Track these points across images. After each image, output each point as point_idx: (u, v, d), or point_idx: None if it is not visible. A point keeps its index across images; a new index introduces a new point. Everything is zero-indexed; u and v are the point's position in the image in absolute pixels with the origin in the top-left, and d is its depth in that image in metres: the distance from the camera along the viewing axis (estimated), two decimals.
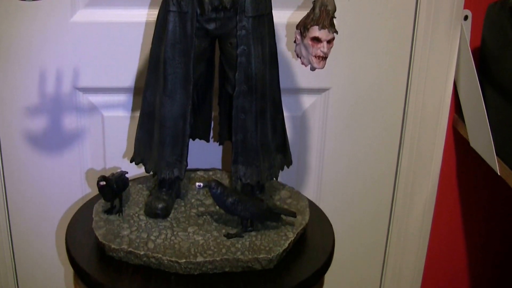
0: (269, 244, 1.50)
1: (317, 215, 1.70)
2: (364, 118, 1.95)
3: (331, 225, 1.67)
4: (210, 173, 1.82)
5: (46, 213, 2.01)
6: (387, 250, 2.15)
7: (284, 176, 1.75)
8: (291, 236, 1.53)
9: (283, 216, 1.56)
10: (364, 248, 2.16)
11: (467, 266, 2.21)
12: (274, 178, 1.63)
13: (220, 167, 1.98)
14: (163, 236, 1.52)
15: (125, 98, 1.90)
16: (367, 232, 2.13)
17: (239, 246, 1.49)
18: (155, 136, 1.57)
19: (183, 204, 1.66)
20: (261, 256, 1.46)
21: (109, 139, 1.95)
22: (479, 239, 2.17)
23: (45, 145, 1.91)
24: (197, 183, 1.48)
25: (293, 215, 1.56)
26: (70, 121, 1.91)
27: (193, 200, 1.68)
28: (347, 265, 2.15)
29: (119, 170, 1.64)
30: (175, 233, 1.53)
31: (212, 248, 1.48)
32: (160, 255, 1.45)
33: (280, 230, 1.55)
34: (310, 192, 2.04)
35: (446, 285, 2.25)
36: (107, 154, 1.98)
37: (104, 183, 1.51)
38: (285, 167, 1.67)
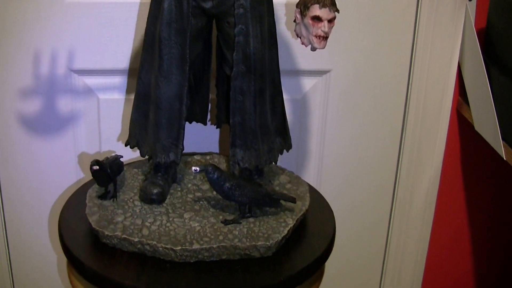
0: (267, 231, 1.42)
1: (318, 201, 1.62)
2: (366, 101, 1.89)
3: (331, 210, 1.59)
4: (207, 157, 1.74)
5: (40, 198, 1.92)
6: (389, 235, 2.11)
7: (284, 161, 1.67)
8: (291, 222, 1.46)
9: (282, 202, 1.48)
10: (365, 233, 2.09)
11: (471, 250, 2.16)
12: (273, 162, 1.55)
13: (217, 151, 1.90)
14: (158, 223, 1.44)
15: (121, 80, 1.84)
16: (369, 217, 2.08)
17: (237, 233, 1.41)
18: (151, 118, 1.49)
19: (179, 189, 1.58)
20: (260, 243, 1.39)
21: (105, 122, 1.89)
22: (483, 224, 2.11)
23: (39, 128, 1.85)
24: (193, 168, 1.40)
25: (293, 200, 1.48)
26: (65, 104, 1.84)
27: (189, 185, 1.59)
28: (348, 251, 2.07)
29: (113, 154, 1.55)
30: (170, 219, 1.45)
31: (208, 235, 1.40)
32: (155, 242, 1.37)
33: (279, 216, 1.48)
34: (310, 176, 1.98)
35: (450, 271, 2.16)
36: (103, 138, 1.90)
37: (98, 167, 1.43)
38: (285, 151, 1.59)
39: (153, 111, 1.47)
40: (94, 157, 1.86)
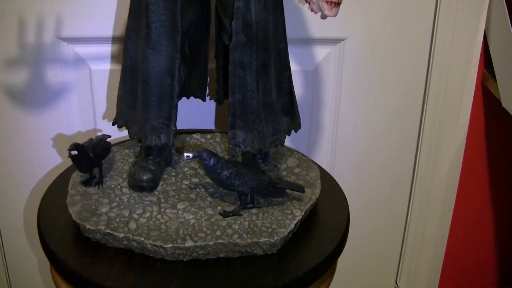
0: (272, 225, 1.20)
1: (330, 187, 1.39)
2: (384, 71, 1.69)
3: (345, 199, 1.36)
4: (208, 136, 1.51)
5: (25, 178, 1.73)
6: (408, 218, 1.92)
7: (295, 138, 1.44)
8: (299, 214, 1.23)
9: (289, 191, 1.24)
10: (382, 216, 1.91)
11: (494, 230, 1.99)
12: (279, 145, 1.31)
13: (218, 130, 1.65)
14: (147, 214, 1.22)
15: (115, 49, 1.63)
16: (386, 199, 1.89)
17: (237, 227, 1.20)
18: (139, 95, 1.25)
19: (174, 173, 1.35)
20: (263, 239, 1.18)
21: (98, 94, 1.69)
22: (508, 203, 1.94)
23: (26, 102, 1.66)
24: (186, 153, 1.17)
25: (301, 190, 1.25)
26: (54, 75, 1.64)
27: (186, 169, 1.37)
28: (363, 236, 1.85)
29: (100, 134, 1.32)
30: (162, 210, 1.24)
31: (204, 229, 1.19)
32: (143, 239, 1.16)
33: (286, 206, 1.26)
34: (323, 155, 1.79)
35: (471, 255, 1.95)
36: (97, 111, 1.67)
37: (76, 152, 1.20)
38: (293, 131, 1.34)
39: (141, 87, 1.24)
40: (89, 134, 1.63)
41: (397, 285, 1.98)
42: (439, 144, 1.76)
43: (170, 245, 1.14)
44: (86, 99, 1.65)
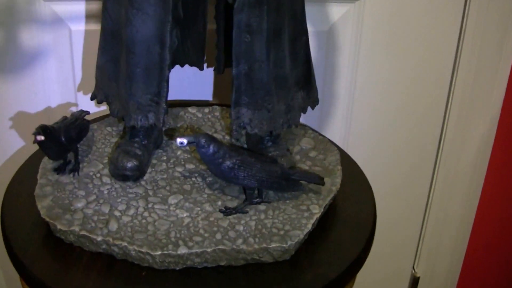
0: (284, 225, 0.98)
1: (352, 174, 1.16)
2: (408, 35, 1.48)
3: (370, 188, 1.14)
4: (206, 110, 1.26)
5: None
6: (430, 198, 1.72)
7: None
8: (317, 211, 1.00)
9: (303, 182, 1.01)
10: (401, 201, 1.72)
11: None
12: (294, 126, 1.07)
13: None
14: (132, 211, 0.99)
15: (97, 7, 1.39)
16: (406, 180, 1.69)
17: (241, 228, 0.97)
18: (122, 66, 1.00)
19: (165, 158, 1.11)
20: (273, 244, 0.95)
21: (80, 59, 1.44)
22: None
23: None
24: (179, 139, 0.93)
25: (321, 182, 1.01)
26: (29, 37, 1.40)
27: (179, 153, 1.12)
28: (378, 223, 1.62)
29: (77, 110, 1.08)
30: (149, 206, 1.01)
31: (201, 231, 0.96)
32: (125, 244, 0.93)
33: (301, 201, 1.04)
34: (336, 130, 1.58)
35: (498, 244, 1.82)
36: (79, 79, 1.43)
37: (43, 138, 0.96)
38: (309, 108, 1.09)
39: (125, 57, 1.00)
40: (66, 107, 1.38)
41: (414, 270, 1.78)
42: (469, 119, 1.58)
43: (159, 252, 0.91)
44: (65, 65, 1.41)
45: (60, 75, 1.41)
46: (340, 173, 1.09)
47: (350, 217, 1.06)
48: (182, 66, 1.18)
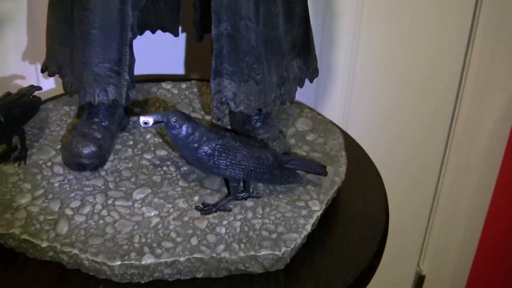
0: (277, 227, 0.79)
1: (357, 161, 0.96)
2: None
3: (379, 177, 0.93)
4: (183, 85, 1.05)
5: None
6: (439, 188, 1.52)
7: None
8: (317, 208, 0.81)
9: (300, 172, 0.80)
10: (406, 189, 1.52)
11: None
12: (289, 102, 0.86)
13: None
14: (87, 209, 0.80)
15: None
16: (413, 166, 1.48)
17: (223, 231, 0.77)
18: (75, 27, 0.79)
19: (131, 142, 0.91)
20: (263, 251, 0.75)
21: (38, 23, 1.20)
22: None
23: None
24: (142, 118, 0.73)
25: (322, 171, 0.81)
26: None
27: (148, 136, 0.92)
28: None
29: (26, 86, 0.88)
30: (109, 202, 0.81)
31: (173, 235, 0.77)
32: (76, 251, 0.74)
33: (298, 195, 0.84)
34: (334, 107, 1.36)
35: (510, 237, 1.60)
36: (39, 42, 1.22)
37: None
38: (307, 81, 0.89)
39: (78, 14, 0.78)
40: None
41: (419, 268, 1.63)
42: (485, 98, 1.39)
43: (118, 262, 0.71)
44: (20, 27, 1.22)
45: (16, 39, 1.21)
46: (345, 160, 0.89)
47: (358, 214, 0.86)
48: (153, 32, 0.97)
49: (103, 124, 0.86)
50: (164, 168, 0.86)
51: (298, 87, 0.89)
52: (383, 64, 1.34)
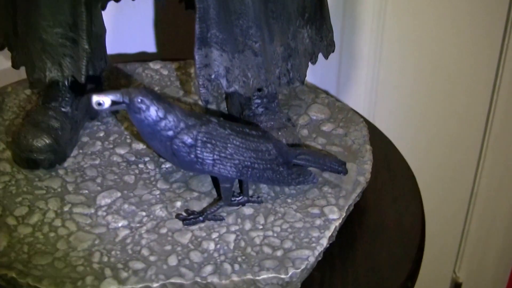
0: (283, 242, 0.60)
1: (385, 157, 0.76)
2: None
3: (413, 177, 0.73)
4: (174, 66, 0.85)
5: None
6: (476, 187, 1.32)
7: (313, 69, 0.80)
8: (336, 217, 0.62)
9: (314, 170, 0.61)
10: (440, 189, 1.31)
11: None
12: (299, 82, 0.67)
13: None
14: (35, 218, 0.62)
15: None
16: (447, 162, 1.27)
17: (212, 247, 0.59)
18: None
19: (102, 134, 0.73)
20: (264, 274, 0.56)
21: None
22: None
23: None
24: (95, 97, 0.54)
25: (341, 169, 0.62)
26: None
27: (125, 126, 0.72)
28: None
29: None
30: (66, 209, 0.63)
31: (145, 252, 0.59)
32: (14, 275, 0.54)
33: (311, 200, 0.64)
34: (358, 100, 1.15)
35: None
36: None
37: None
38: (321, 56, 0.70)
39: None
40: None
41: (455, 274, 1.47)
42: None
43: None
44: None
45: None
46: (370, 156, 0.69)
47: (387, 224, 0.66)
48: None
49: (62, 110, 0.67)
50: (140, 165, 0.67)
51: (310, 63, 0.70)
52: (413, 49, 1.14)
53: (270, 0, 0.62)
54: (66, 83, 0.68)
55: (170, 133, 0.55)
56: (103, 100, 0.53)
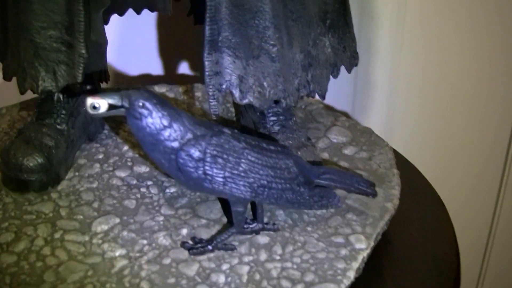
0: (304, 274, 0.51)
1: (411, 183, 0.68)
2: None
3: (443, 205, 0.65)
4: (181, 89, 0.79)
5: None
6: (497, 213, 1.19)
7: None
8: (364, 247, 0.54)
9: (340, 192, 0.54)
10: (460, 211, 1.19)
11: None
12: (320, 96, 0.60)
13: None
14: (22, 246, 0.54)
15: None
16: (468, 180, 1.15)
17: (222, 280, 0.50)
18: None
19: (101, 156, 0.65)
20: None
21: None
22: None
23: None
24: (90, 99, 0.46)
25: (370, 191, 0.54)
26: None
27: (125, 148, 0.65)
28: None
29: None
30: (57, 235, 0.55)
31: (145, 285, 0.51)
32: None
33: (334, 227, 0.56)
34: (374, 119, 1.03)
35: None
36: None
37: None
38: (343, 69, 0.63)
39: None
40: None
41: None
42: None
43: None
44: None
45: None
46: (398, 181, 0.61)
47: (419, 255, 0.58)
48: (139, 13, 0.72)
49: (57, 127, 0.60)
50: (143, 189, 0.59)
51: (332, 76, 0.62)
52: (433, 68, 1.04)
53: (288, 4, 0.55)
54: (62, 97, 0.61)
55: (175, 144, 0.47)
56: (99, 103, 0.45)
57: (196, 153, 0.48)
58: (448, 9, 1.04)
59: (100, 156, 0.65)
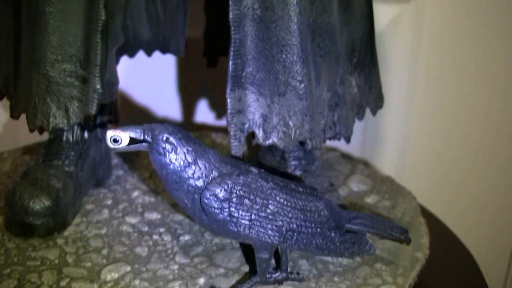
0: None
1: (436, 233, 0.63)
2: (481, 32, 0.95)
3: (467, 252, 0.62)
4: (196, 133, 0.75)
5: None
6: None
7: None
8: None
9: (371, 237, 0.50)
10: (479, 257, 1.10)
11: None
12: (345, 139, 0.56)
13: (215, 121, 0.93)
14: None
15: None
16: (487, 230, 1.08)
17: None
18: (23, 10, 0.51)
19: (109, 201, 0.61)
20: None
21: None
22: None
23: None
24: (111, 133, 0.43)
25: (404, 238, 0.49)
26: None
27: (135, 194, 0.61)
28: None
29: None
30: (63, 284, 0.50)
31: None
32: None
33: (363, 278, 0.52)
34: (386, 161, 1.01)
35: None
36: None
37: None
38: (368, 110, 0.60)
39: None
40: None
41: None
42: None
43: None
44: None
45: None
46: (426, 230, 0.58)
47: None
48: (149, 55, 0.68)
49: (66, 169, 0.56)
50: (155, 236, 0.55)
51: (358, 118, 0.59)
52: (446, 104, 1.01)
53: (318, 29, 0.52)
54: (71, 138, 0.57)
55: (200, 182, 0.43)
56: (120, 136, 0.42)
57: (222, 192, 0.44)
58: (459, 58, 1.02)
59: (109, 202, 0.60)
